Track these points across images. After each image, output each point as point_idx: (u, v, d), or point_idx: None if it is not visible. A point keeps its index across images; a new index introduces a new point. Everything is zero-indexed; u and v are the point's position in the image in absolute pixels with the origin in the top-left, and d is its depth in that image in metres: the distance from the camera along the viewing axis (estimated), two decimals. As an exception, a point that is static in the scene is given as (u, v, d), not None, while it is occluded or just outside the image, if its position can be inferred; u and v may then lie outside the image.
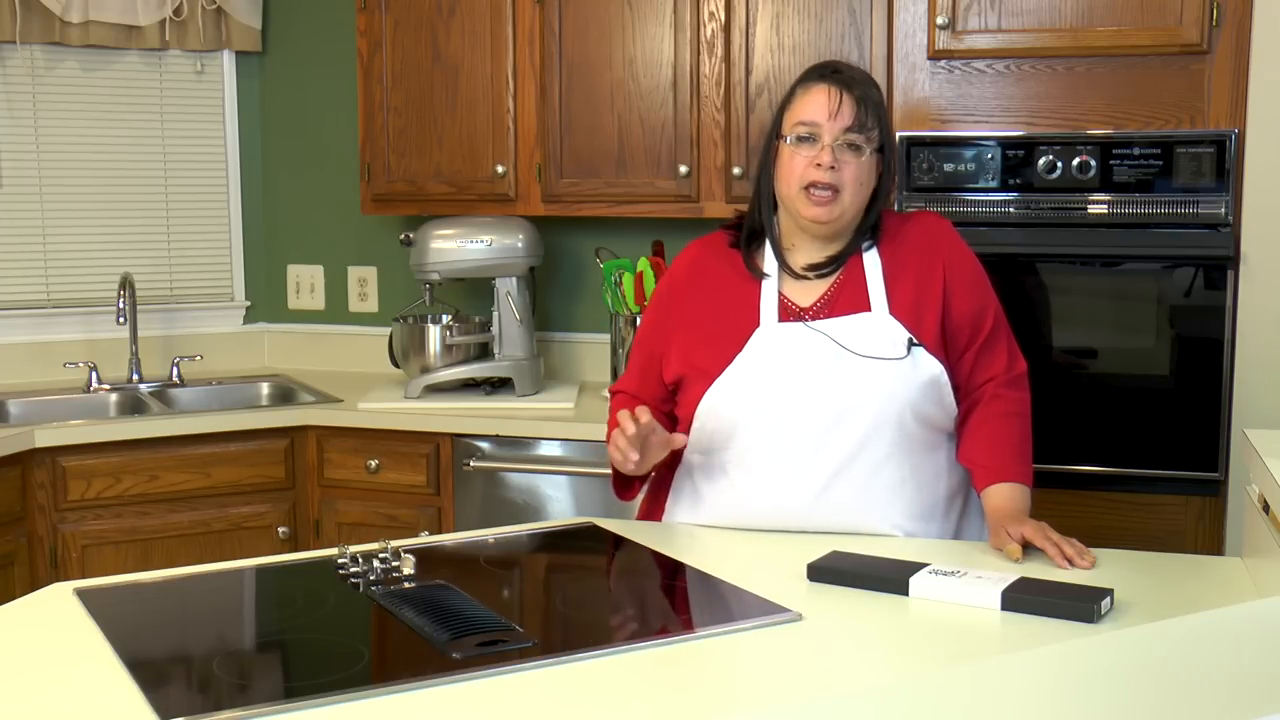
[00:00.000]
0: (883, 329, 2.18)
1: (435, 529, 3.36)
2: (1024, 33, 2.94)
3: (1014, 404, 2.25)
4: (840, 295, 2.22)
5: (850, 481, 2.16)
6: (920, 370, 2.17)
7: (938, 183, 2.98)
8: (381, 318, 4.05)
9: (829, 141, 2.16)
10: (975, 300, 2.25)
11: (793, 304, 2.23)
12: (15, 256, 3.87)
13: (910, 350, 2.16)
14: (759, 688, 1.56)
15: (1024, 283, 2.95)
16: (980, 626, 1.75)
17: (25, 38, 3.74)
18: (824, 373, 2.16)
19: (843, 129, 2.16)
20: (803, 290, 2.24)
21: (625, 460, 2.14)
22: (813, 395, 2.16)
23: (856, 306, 2.20)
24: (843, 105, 2.16)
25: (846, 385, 2.16)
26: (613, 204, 3.49)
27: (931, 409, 2.19)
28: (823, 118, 2.16)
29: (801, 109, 2.19)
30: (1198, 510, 2.88)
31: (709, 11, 3.33)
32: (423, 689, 1.52)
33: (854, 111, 2.17)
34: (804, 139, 2.18)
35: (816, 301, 2.23)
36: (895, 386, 2.15)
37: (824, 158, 2.16)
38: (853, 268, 2.24)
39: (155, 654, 1.68)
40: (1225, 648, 1.29)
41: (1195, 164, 2.82)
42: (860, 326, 2.18)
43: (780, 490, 2.18)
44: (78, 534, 3.26)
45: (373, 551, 2.01)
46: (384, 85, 3.64)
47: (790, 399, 2.17)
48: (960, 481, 2.27)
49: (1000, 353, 2.27)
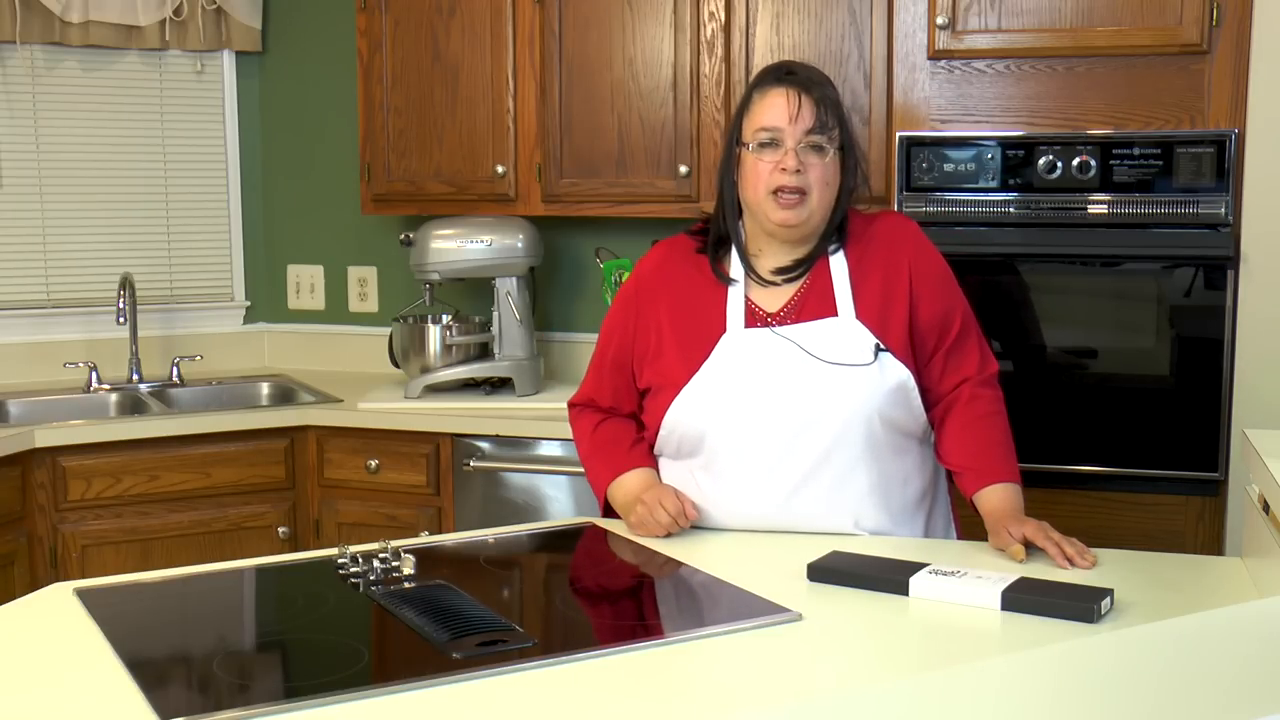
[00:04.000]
0: (849, 334, 2.17)
1: (435, 529, 3.36)
2: (1024, 33, 2.94)
3: (992, 404, 2.24)
4: (807, 300, 2.21)
5: (818, 486, 2.16)
6: (887, 376, 2.16)
7: (937, 183, 2.98)
8: (381, 318, 4.05)
9: (792, 145, 2.15)
10: (942, 302, 2.24)
11: (760, 309, 2.22)
12: (15, 256, 3.87)
13: (877, 356, 2.16)
14: (759, 688, 1.56)
15: (1023, 283, 2.95)
16: (980, 626, 1.75)
17: (25, 38, 3.74)
18: (790, 380, 2.16)
19: (804, 131, 2.15)
20: (770, 296, 2.23)
21: (659, 531, 2.18)
22: (779, 402, 2.15)
23: (823, 311, 2.19)
24: (802, 108, 2.15)
25: (813, 392, 2.15)
26: (613, 204, 3.49)
27: (898, 414, 2.19)
28: (783, 121, 2.15)
29: (761, 114, 2.17)
30: (1198, 510, 2.88)
31: (709, 11, 3.33)
32: (423, 689, 1.52)
33: (814, 112, 2.15)
34: (766, 144, 2.16)
35: (784, 307, 2.22)
36: (862, 392, 2.15)
37: (789, 161, 2.14)
38: (819, 272, 2.22)
39: (155, 654, 1.68)
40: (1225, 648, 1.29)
41: (1195, 164, 2.82)
42: (827, 332, 2.17)
43: (748, 496, 2.18)
44: (78, 534, 3.26)
45: (373, 551, 2.01)
46: (384, 85, 3.64)
47: (757, 406, 2.16)
48: (928, 483, 2.27)
49: (971, 353, 2.26)
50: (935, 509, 2.29)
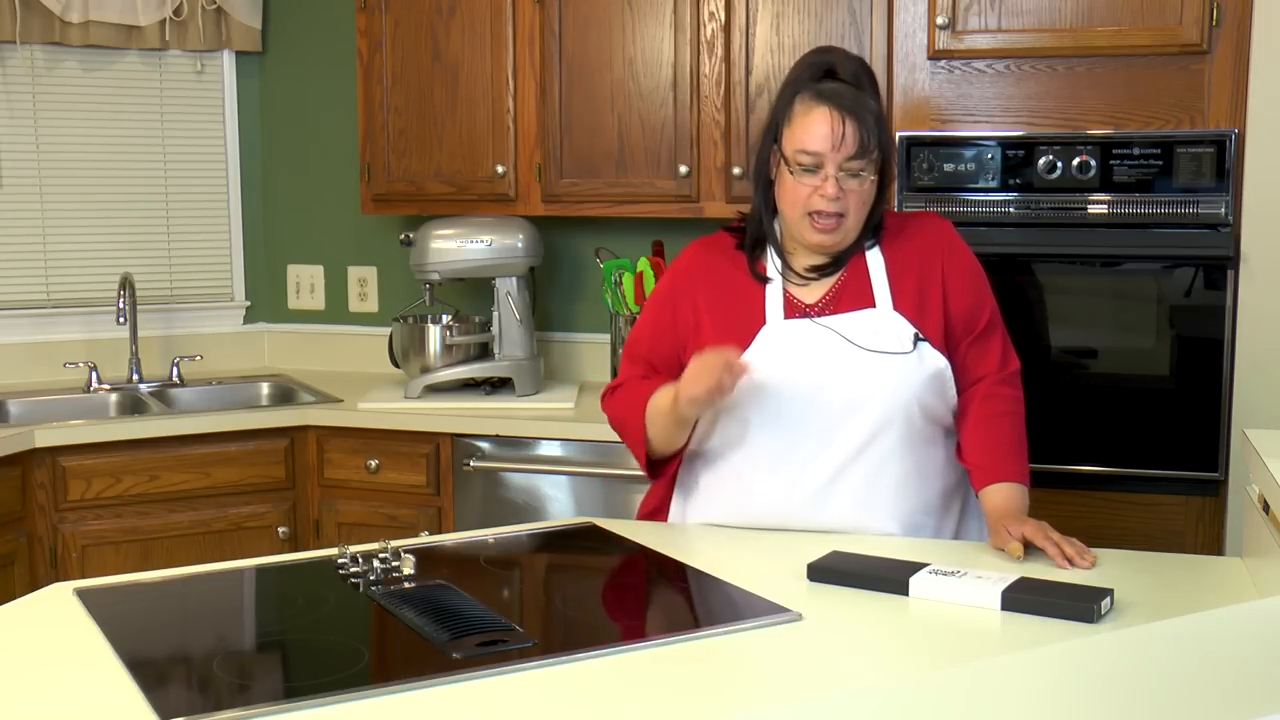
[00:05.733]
0: (888, 324, 2.19)
1: (435, 529, 3.36)
2: (1024, 33, 2.94)
3: (1009, 403, 2.25)
4: (844, 292, 2.23)
5: (856, 475, 2.17)
6: (926, 364, 2.18)
7: (938, 183, 2.98)
8: (381, 318, 4.05)
9: (832, 172, 2.14)
10: (973, 296, 2.26)
11: (799, 301, 2.24)
12: (15, 256, 3.87)
13: (916, 344, 2.18)
14: (759, 688, 1.56)
15: (1024, 283, 2.95)
16: (980, 626, 1.75)
17: (25, 38, 3.74)
18: (832, 368, 2.17)
19: (846, 158, 2.14)
20: (807, 289, 2.25)
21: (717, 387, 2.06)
22: (821, 390, 2.17)
23: (861, 303, 2.22)
24: (846, 136, 2.13)
25: (854, 380, 2.17)
26: (613, 204, 3.49)
27: (934, 402, 2.21)
28: (825, 148, 2.13)
29: (803, 135, 2.15)
30: (1198, 510, 2.88)
31: (709, 11, 3.33)
32: (423, 689, 1.52)
33: (857, 139, 2.13)
34: (806, 168, 2.16)
35: (822, 299, 2.24)
36: (902, 380, 2.16)
37: (828, 189, 2.14)
38: (856, 266, 2.25)
39: (155, 654, 1.67)
40: (1225, 648, 1.29)
41: (1195, 164, 2.82)
42: (866, 321, 2.19)
43: (787, 484, 2.19)
44: (78, 534, 3.26)
45: (373, 551, 2.01)
46: (384, 85, 3.64)
47: (799, 394, 2.18)
48: (959, 479, 2.28)
49: (995, 349, 2.27)
50: (968, 508, 2.30)
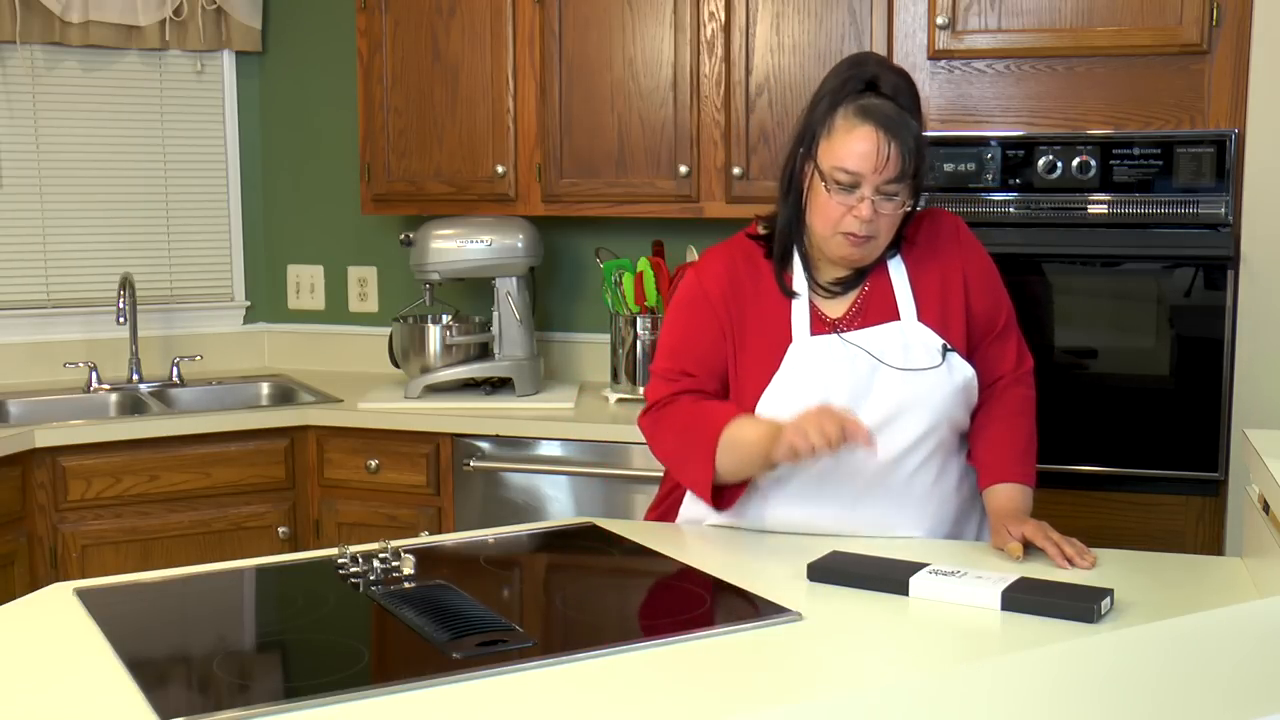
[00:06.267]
0: (915, 337, 2.16)
1: (435, 529, 3.36)
2: (1024, 33, 2.94)
3: (1019, 403, 2.25)
4: (869, 304, 2.20)
5: (884, 490, 2.16)
6: (955, 375, 2.16)
7: (938, 183, 2.98)
8: (381, 318, 4.05)
9: (869, 194, 2.07)
10: (992, 295, 2.25)
11: (824, 315, 2.20)
12: (15, 256, 3.87)
13: (945, 357, 2.15)
14: (759, 688, 1.56)
15: (1024, 283, 2.94)
16: (980, 626, 1.75)
17: (25, 38, 3.74)
18: (862, 387, 2.14)
19: (885, 180, 2.07)
20: (832, 302, 2.21)
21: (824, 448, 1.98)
22: (852, 409, 2.09)
23: (886, 315, 2.18)
24: (890, 158, 2.05)
25: (885, 398, 2.14)
26: (613, 204, 3.49)
27: (963, 415, 2.20)
28: (867, 169, 2.06)
29: (843, 152, 2.07)
30: (1198, 510, 2.88)
31: (709, 11, 3.33)
32: (423, 689, 1.52)
33: (899, 164, 2.06)
34: (843, 186, 2.09)
35: (847, 312, 2.20)
36: (933, 397, 2.14)
37: (863, 211, 2.07)
38: (879, 277, 2.21)
39: (155, 654, 1.67)
40: (1225, 648, 1.29)
41: (1195, 164, 2.82)
42: (893, 336, 2.16)
43: (813, 501, 2.17)
44: (78, 534, 3.26)
45: (373, 551, 2.01)
46: (384, 85, 3.64)
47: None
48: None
49: (1010, 349, 2.27)
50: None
